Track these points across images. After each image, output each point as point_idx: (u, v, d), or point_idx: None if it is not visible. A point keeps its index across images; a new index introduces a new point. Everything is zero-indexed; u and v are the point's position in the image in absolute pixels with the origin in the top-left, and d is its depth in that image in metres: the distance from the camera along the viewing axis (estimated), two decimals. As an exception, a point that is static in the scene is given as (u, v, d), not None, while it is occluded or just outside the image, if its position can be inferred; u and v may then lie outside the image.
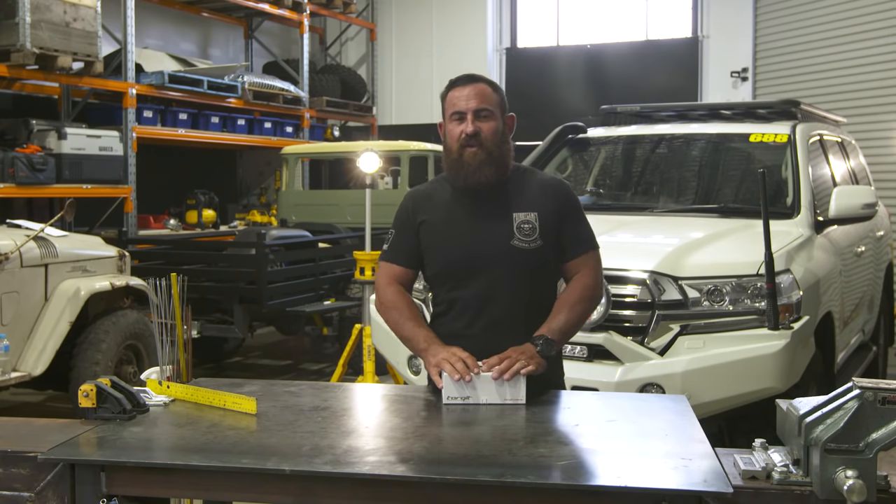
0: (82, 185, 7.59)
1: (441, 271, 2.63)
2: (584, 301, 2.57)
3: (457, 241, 2.58)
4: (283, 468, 1.81)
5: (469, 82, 2.58)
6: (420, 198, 2.69)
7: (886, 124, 9.46)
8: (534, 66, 12.37)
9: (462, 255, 2.57)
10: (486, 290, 2.55)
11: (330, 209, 8.90)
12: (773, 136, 4.96)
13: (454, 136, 2.56)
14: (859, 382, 1.70)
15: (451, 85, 2.62)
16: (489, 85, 2.61)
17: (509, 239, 2.54)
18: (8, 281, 4.85)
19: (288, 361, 8.27)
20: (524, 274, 2.56)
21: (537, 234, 2.55)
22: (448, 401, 2.30)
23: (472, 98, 2.55)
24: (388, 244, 2.69)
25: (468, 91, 2.56)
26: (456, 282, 2.59)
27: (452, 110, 2.57)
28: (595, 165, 5.61)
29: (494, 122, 2.57)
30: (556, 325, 2.48)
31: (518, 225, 2.55)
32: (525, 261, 2.55)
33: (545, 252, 2.57)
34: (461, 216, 2.59)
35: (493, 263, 2.55)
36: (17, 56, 6.95)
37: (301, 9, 11.00)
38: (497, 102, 2.60)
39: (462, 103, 2.55)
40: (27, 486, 1.92)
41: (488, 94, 2.58)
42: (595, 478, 1.80)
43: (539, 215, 2.57)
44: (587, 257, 2.63)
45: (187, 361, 2.41)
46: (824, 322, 4.22)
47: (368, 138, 12.12)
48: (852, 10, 9.70)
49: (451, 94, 2.60)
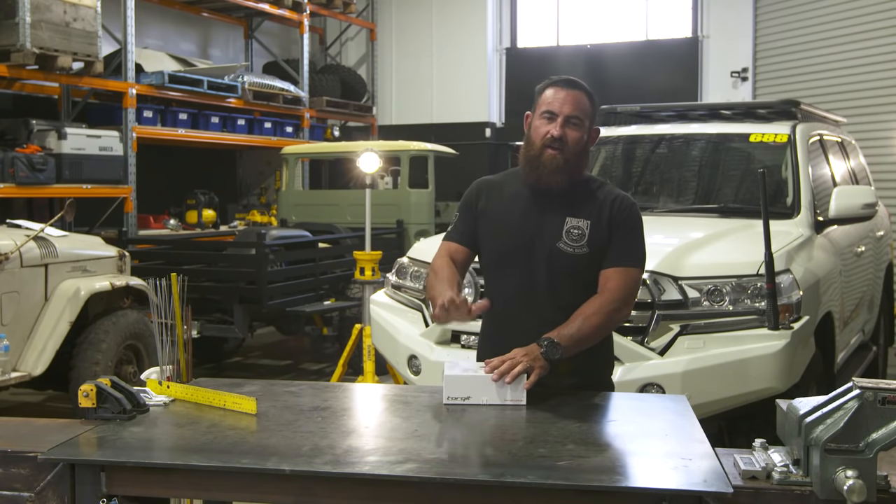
0: (82, 185, 7.60)
1: (488, 260, 2.70)
2: (602, 314, 2.50)
3: (506, 232, 2.63)
4: (283, 468, 1.81)
5: (569, 87, 2.59)
6: (486, 186, 2.74)
7: (886, 124, 9.46)
8: (534, 66, 12.37)
9: (508, 247, 2.62)
10: (524, 286, 2.59)
11: (330, 209, 8.91)
12: (773, 136, 4.96)
13: (539, 133, 2.57)
14: (859, 382, 1.70)
15: (551, 83, 2.62)
16: (587, 95, 2.61)
17: (556, 241, 2.56)
18: (8, 281, 4.85)
19: (288, 361, 8.27)
20: (564, 277, 2.57)
21: (585, 241, 2.56)
22: (448, 401, 2.30)
23: (567, 103, 2.56)
24: (452, 226, 2.76)
25: (566, 95, 2.57)
26: (500, 272, 2.65)
27: (546, 108, 2.58)
28: (595, 165, 5.60)
29: (581, 132, 2.58)
30: (566, 330, 2.46)
31: (568, 229, 2.57)
32: (566, 264, 2.56)
33: (590, 260, 2.56)
34: (518, 210, 2.63)
35: (534, 261, 2.58)
36: (17, 56, 6.95)
37: (301, 9, 11.00)
38: (589, 113, 2.61)
39: (557, 105, 2.56)
40: (27, 486, 1.92)
41: (584, 103, 2.59)
42: (595, 478, 1.79)
43: (591, 224, 2.57)
44: (621, 271, 2.56)
45: (187, 361, 2.41)
46: (824, 322, 4.22)
47: (368, 138, 12.12)
48: (852, 10, 9.70)
49: (548, 91, 2.61)
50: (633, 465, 1.85)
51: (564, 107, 2.55)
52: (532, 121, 2.64)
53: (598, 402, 2.52)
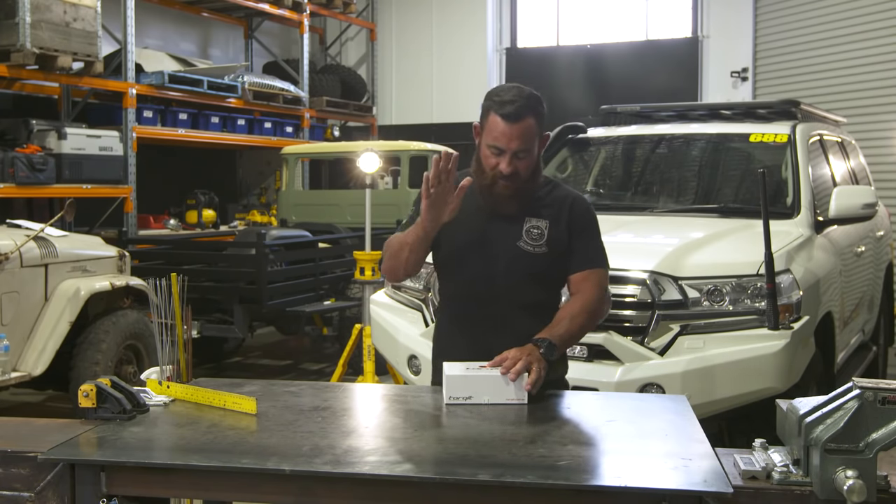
0: (82, 185, 7.59)
1: (445, 258, 2.67)
2: (585, 314, 2.55)
3: (466, 228, 2.60)
4: (283, 468, 1.81)
5: (515, 120, 2.47)
6: None
7: (886, 124, 9.45)
8: (534, 66, 12.37)
9: (467, 245, 2.61)
10: (483, 285, 2.59)
11: (330, 209, 8.90)
12: (773, 136, 4.96)
13: (489, 163, 2.53)
14: (859, 382, 1.70)
15: (496, 107, 2.50)
16: (534, 117, 2.50)
17: (516, 239, 2.58)
18: (8, 281, 4.85)
19: (288, 361, 8.27)
20: (523, 276, 2.59)
21: (544, 240, 2.58)
22: (450, 400, 2.30)
23: (514, 139, 2.48)
24: (407, 219, 2.67)
25: (511, 131, 2.47)
26: (459, 271, 2.64)
27: (492, 142, 2.50)
28: (595, 165, 5.61)
29: (531, 158, 2.54)
30: (557, 331, 2.49)
31: (527, 229, 2.59)
32: (527, 263, 2.58)
33: (549, 260, 2.59)
34: (477, 209, 2.61)
35: (494, 259, 2.58)
36: (17, 56, 6.95)
37: (301, 9, 11.00)
38: (536, 134, 2.53)
39: (504, 141, 2.48)
40: (27, 486, 1.92)
41: (532, 132, 2.50)
42: (595, 478, 1.80)
43: (550, 224, 2.60)
44: (592, 273, 2.61)
45: (187, 361, 2.41)
46: (824, 322, 4.22)
47: (368, 138, 12.12)
48: (852, 10, 9.70)
49: (495, 119, 2.49)
50: (633, 465, 1.85)
51: (511, 143, 2.48)
52: (481, 142, 2.57)
53: (599, 402, 2.52)
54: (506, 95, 2.51)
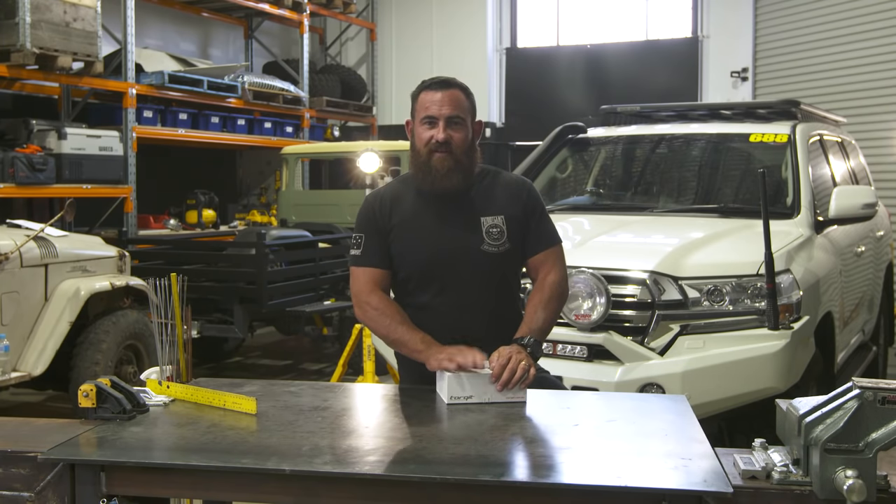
0: (82, 185, 7.59)
1: (411, 275, 2.61)
2: (555, 298, 2.59)
3: (427, 244, 2.57)
4: (283, 468, 1.81)
5: (443, 87, 2.56)
6: (387, 200, 2.64)
7: (886, 124, 9.45)
8: (534, 66, 12.37)
9: (433, 259, 2.57)
10: (456, 295, 2.56)
11: (330, 209, 8.89)
12: (773, 136, 4.96)
13: (423, 139, 2.55)
14: (859, 382, 1.70)
15: (424, 87, 2.60)
16: (462, 91, 2.59)
17: (479, 244, 2.55)
18: (8, 281, 4.85)
19: (288, 361, 8.27)
20: (494, 278, 2.58)
21: (505, 237, 2.57)
22: (451, 400, 2.30)
23: (445, 104, 2.53)
24: (360, 249, 2.61)
25: (442, 96, 2.54)
26: (426, 286, 2.58)
27: (424, 114, 2.55)
28: (595, 165, 5.61)
29: (465, 130, 2.56)
30: (535, 324, 2.50)
31: (487, 229, 2.56)
32: (495, 264, 2.56)
33: (514, 254, 2.59)
34: (431, 220, 2.58)
35: (463, 268, 2.55)
36: (17, 56, 6.95)
37: (301, 9, 11.00)
38: (468, 109, 2.58)
39: (435, 108, 2.53)
40: (27, 486, 1.92)
41: (461, 100, 2.56)
42: (595, 478, 1.80)
43: (506, 218, 2.58)
44: (551, 253, 2.64)
45: (187, 361, 2.41)
46: (824, 322, 4.22)
47: (368, 138, 12.11)
48: (852, 10, 9.70)
49: (423, 96, 2.58)
50: (632, 464, 1.85)
51: (444, 108, 2.52)
52: (413, 128, 2.60)
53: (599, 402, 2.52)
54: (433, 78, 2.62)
